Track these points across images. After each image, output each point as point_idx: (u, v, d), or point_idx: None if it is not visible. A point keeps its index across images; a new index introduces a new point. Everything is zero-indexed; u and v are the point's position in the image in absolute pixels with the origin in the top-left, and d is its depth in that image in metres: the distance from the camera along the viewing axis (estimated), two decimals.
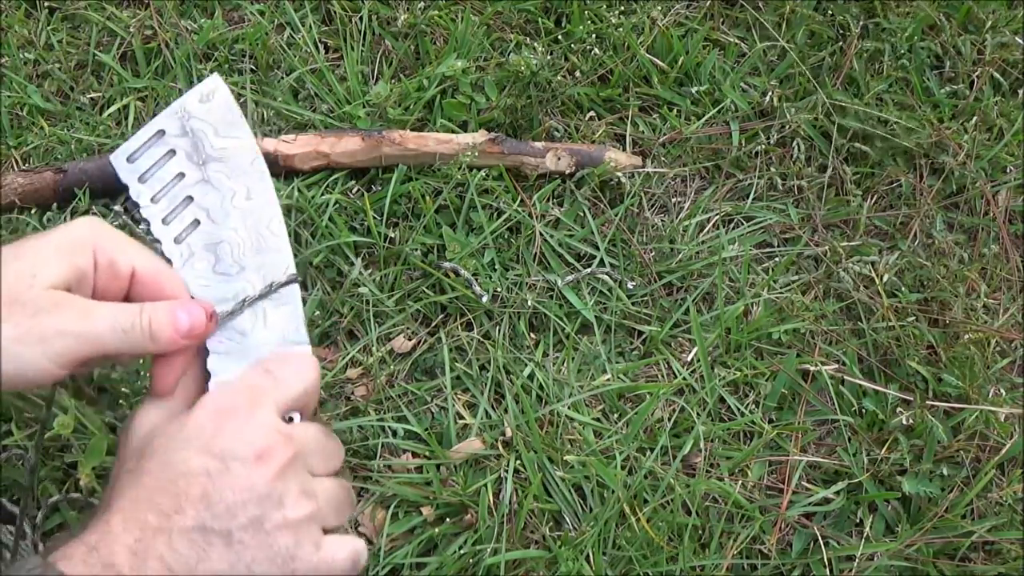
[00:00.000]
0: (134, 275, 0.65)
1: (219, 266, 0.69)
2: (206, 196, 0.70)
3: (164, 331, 0.62)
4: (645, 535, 0.99)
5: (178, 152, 0.70)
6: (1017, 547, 1.04)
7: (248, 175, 0.71)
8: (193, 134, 0.70)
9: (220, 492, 0.58)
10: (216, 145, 0.70)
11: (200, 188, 0.70)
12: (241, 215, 0.70)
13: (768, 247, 1.22)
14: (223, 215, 0.70)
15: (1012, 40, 1.34)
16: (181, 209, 0.70)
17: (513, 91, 1.23)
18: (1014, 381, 1.15)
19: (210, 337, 0.67)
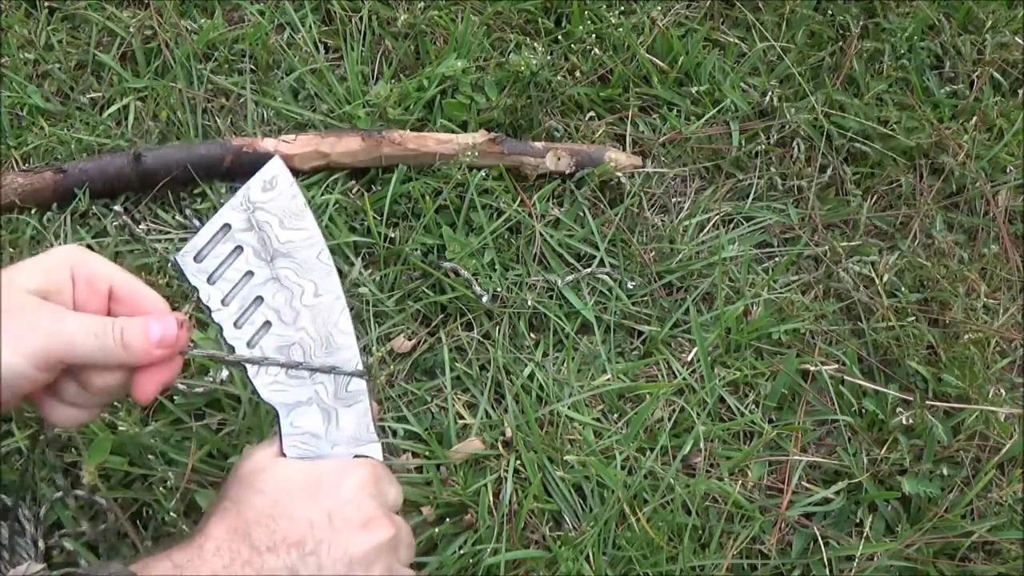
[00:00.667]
0: (112, 292, 0.65)
1: (292, 370, 0.69)
2: (276, 295, 0.69)
3: (136, 340, 0.63)
4: (645, 535, 0.99)
5: (245, 249, 0.69)
6: (1017, 547, 1.04)
7: (315, 270, 0.70)
8: (259, 228, 0.69)
9: (318, 544, 0.59)
10: (282, 239, 0.69)
11: (269, 287, 0.69)
12: (311, 314, 0.69)
13: (768, 247, 1.22)
14: (293, 315, 0.69)
15: (1012, 40, 1.34)
16: (252, 311, 0.69)
17: (513, 91, 1.23)
18: (1014, 381, 1.15)
19: (284, 440, 0.68)
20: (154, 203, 1.15)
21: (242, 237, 0.69)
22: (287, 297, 0.69)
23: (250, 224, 0.69)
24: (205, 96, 1.21)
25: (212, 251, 0.68)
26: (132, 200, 1.15)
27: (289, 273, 0.69)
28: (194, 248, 0.68)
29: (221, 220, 0.68)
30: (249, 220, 0.69)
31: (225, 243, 0.69)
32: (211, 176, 1.14)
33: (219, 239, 0.68)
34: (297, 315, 0.69)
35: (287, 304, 0.69)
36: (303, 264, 0.70)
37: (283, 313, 0.69)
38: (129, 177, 1.12)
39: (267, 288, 0.69)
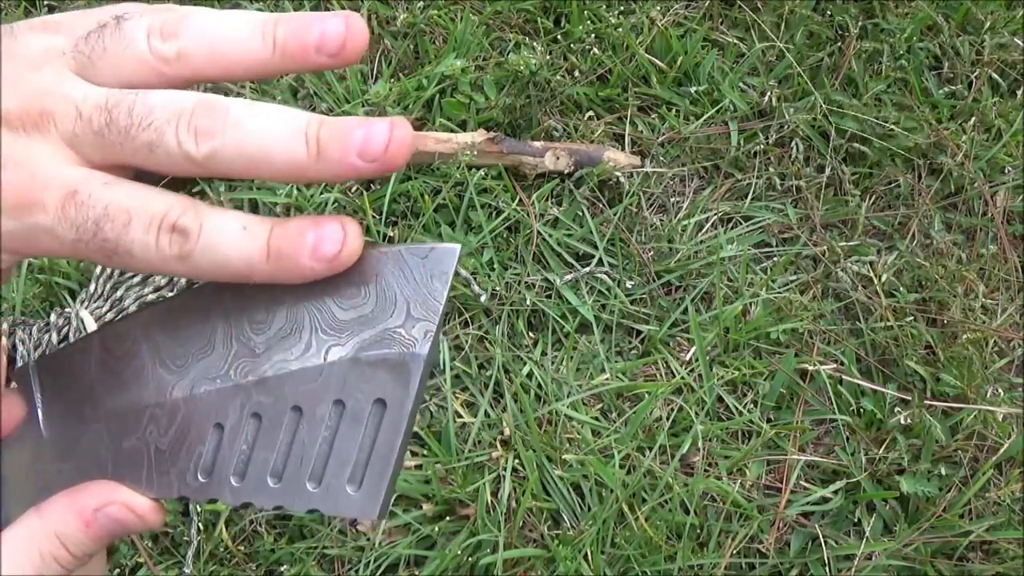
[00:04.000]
0: None
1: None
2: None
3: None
4: (643, 534, 0.99)
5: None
6: (1015, 547, 1.04)
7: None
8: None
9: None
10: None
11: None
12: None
13: (766, 247, 1.22)
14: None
15: (1011, 41, 1.34)
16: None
17: (512, 90, 1.23)
18: (1012, 381, 1.15)
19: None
20: None
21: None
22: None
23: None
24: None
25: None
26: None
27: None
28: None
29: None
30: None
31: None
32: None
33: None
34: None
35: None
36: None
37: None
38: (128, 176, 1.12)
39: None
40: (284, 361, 0.45)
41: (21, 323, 1.03)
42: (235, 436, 0.44)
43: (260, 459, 0.44)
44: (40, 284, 1.08)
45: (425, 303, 0.43)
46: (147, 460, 0.45)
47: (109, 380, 0.47)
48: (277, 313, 0.45)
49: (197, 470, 0.44)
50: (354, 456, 0.42)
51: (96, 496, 0.44)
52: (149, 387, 0.46)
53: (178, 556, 0.98)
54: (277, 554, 0.98)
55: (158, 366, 0.46)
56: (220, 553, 0.98)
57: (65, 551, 0.44)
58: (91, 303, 1.06)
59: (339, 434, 0.43)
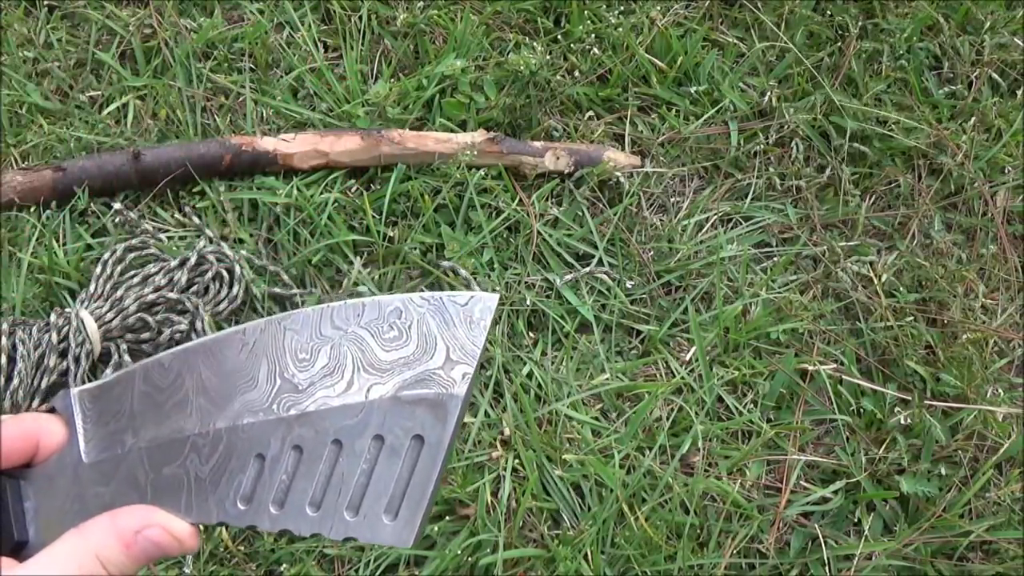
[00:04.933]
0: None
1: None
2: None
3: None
4: (643, 534, 0.99)
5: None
6: (1015, 546, 1.04)
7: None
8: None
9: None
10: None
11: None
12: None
13: (766, 247, 1.22)
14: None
15: (1011, 41, 1.34)
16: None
17: (512, 90, 1.23)
18: (1012, 381, 1.15)
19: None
20: (153, 201, 1.15)
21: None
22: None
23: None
24: (204, 95, 1.21)
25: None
26: (131, 198, 1.15)
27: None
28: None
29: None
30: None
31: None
32: (210, 175, 1.15)
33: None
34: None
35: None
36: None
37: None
38: (128, 175, 1.12)
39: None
40: (326, 397, 0.46)
41: (21, 323, 1.03)
42: (276, 466, 0.46)
43: (299, 488, 0.45)
44: (40, 284, 1.08)
45: (464, 347, 0.46)
46: (187, 487, 0.46)
47: (151, 410, 0.49)
48: (321, 352, 0.47)
49: (237, 498, 0.46)
50: (391, 488, 0.44)
51: (137, 518, 0.45)
52: (192, 418, 0.48)
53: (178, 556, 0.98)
54: (277, 554, 0.98)
55: (201, 398, 0.48)
56: (220, 553, 0.98)
57: (104, 571, 0.44)
58: (91, 303, 1.06)
59: (377, 467, 0.45)
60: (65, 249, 1.10)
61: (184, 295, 1.08)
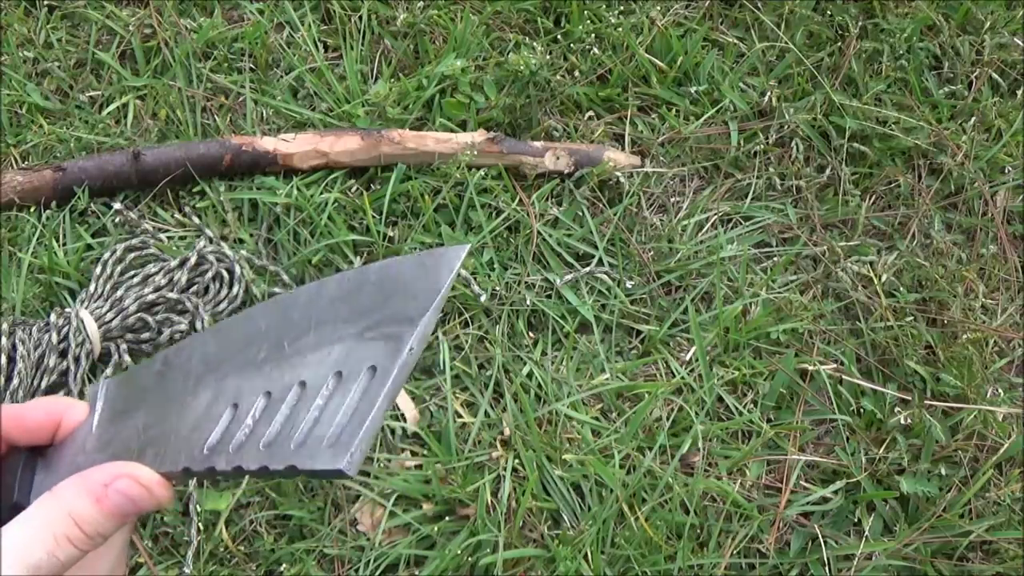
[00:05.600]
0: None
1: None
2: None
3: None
4: (643, 534, 0.99)
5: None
6: (1015, 546, 1.04)
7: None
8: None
9: None
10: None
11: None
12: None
13: (766, 247, 1.22)
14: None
15: (1011, 41, 1.34)
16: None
17: (512, 90, 1.23)
18: (1012, 381, 1.15)
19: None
20: (153, 201, 1.15)
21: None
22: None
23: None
24: (204, 95, 1.21)
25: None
26: (131, 198, 1.15)
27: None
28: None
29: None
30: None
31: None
32: (210, 175, 1.15)
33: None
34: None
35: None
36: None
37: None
38: (128, 175, 1.12)
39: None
40: (304, 349, 0.48)
41: (21, 323, 1.03)
42: (244, 413, 0.46)
43: (260, 431, 0.45)
44: (40, 284, 1.08)
45: (429, 288, 0.47)
46: (166, 444, 0.47)
47: (158, 386, 0.51)
48: (314, 331, 0.48)
49: (204, 446, 0.46)
50: (337, 417, 0.44)
51: (105, 472, 0.45)
52: (188, 384, 0.49)
53: (178, 556, 0.98)
54: (277, 554, 0.98)
55: (201, 367, 0.50)
56: (220, 553, 0.98)
57: (79, 530, 0.44)
58: (91, 303, 1.06)
59: (331, 401, 0.45)
60: (65, 249, 1.10)
61: (184, 295, 1.08)
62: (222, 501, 0.99)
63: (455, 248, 0.49)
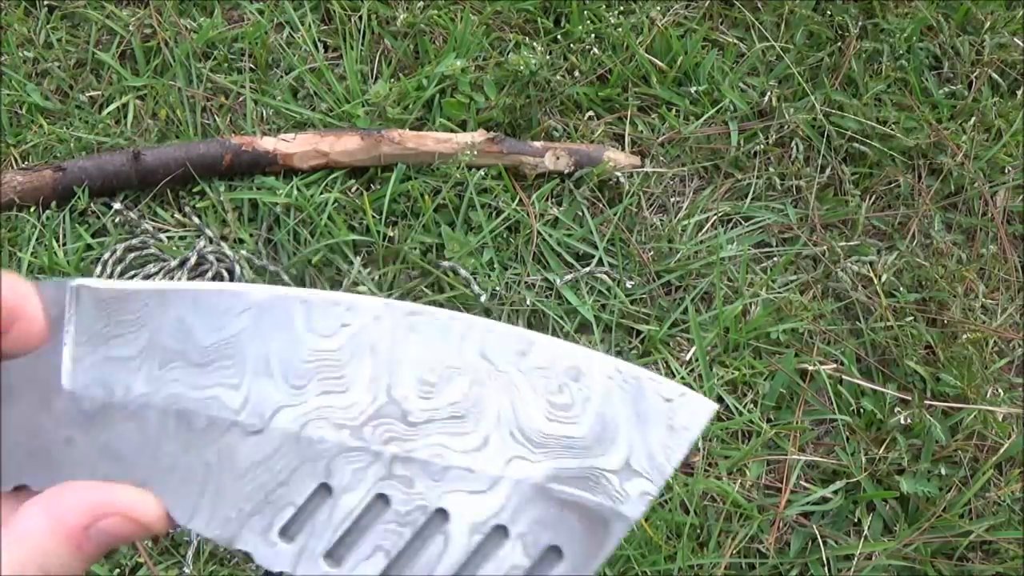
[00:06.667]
0: None
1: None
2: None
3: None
4: (643, 534, 0.99)
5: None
6: (1015, 546, 1.04)
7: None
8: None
9: None
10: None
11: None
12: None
13: (766, 247, 1.22)
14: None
15: (1010, 41, 1.34)
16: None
17: (512, 90, 1.23)
18: (1012, 381, 1.15)
19: None
20: (153, 201, 1.15)
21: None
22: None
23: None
24: (204, 95, 1.21)
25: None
26: (131, 198, 1.15)
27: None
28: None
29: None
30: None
31: None
32: (210, 175, 1.15)
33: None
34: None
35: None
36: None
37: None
38: (128, 175, 1.12)
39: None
40: (447, 447, 0.33)
41: None
42: (346, 512, 0.33)
43: (370, 551, 0.33)
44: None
45: (653, 458, 0.33)
46: (209, 486, 0.34)
47: (179, 359, 0.35)
48: (455, 382, 0.34)
49: (277, 528, 0.33)
50: None
51: (87, 507, 0.33)
52: (239, 395, 0.34)
53: (178, 556, 0.98)
54: None
55: (258, 373, 0.34)
56: (220, 553, 0.98)
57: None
58: None
59: (487, 567, 0.33)
60: (65, 249, 1.10)
61: None
62: None
63: (696, 402, 0.34)
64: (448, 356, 0.34)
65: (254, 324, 0.34)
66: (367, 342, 0.34)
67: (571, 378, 0.33)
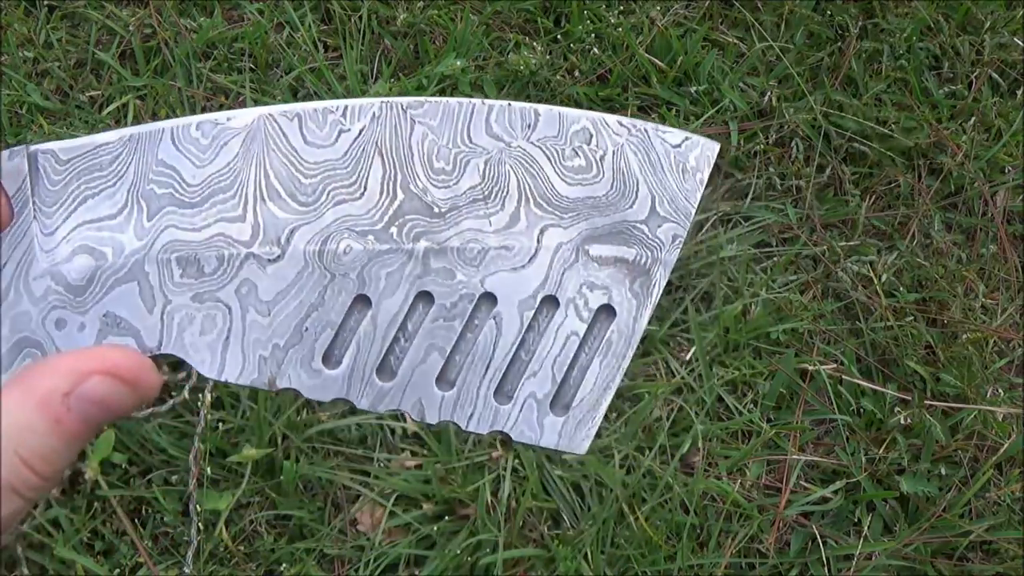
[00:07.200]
0: None
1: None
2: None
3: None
4: (643, 534, 0.99)
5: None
6: (1015, 546, 1.04)
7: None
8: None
9: None
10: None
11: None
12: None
13: (766, 247, 1.22)
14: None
15: (1011, 41, 1.34)
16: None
17: (512, 90, 1.23)
18: (1012, 381, 1.15)
19: None
20: None
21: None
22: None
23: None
24: (204, 95, 1.21)
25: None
26: None
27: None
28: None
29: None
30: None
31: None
32: None
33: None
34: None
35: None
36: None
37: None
38: None
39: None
40: (478, 231, 0.32)
41: None
42: (388, 318, 0.32)
43: (423, 355, 0.32)
44: None
45: (674, 200, 0.34)
46: (231, 331, 0.31)
47: (169, 199, 0.31)
48: (470, 165, 0.33)
49: (317, 355, 0.31)
50: (563, 372, 0.32)
51: (62, 374, 0.28)
52: (247, 224, 0.31)
53: (178, 556, 0.98)
54: (277, 554, 0.98)
55: (264, 196, 0.31)
56: (220, 553, 0.98)
57: (32, 474, 0.28)
58: None
59: (543, 340, 0.32)
60: None
61: None
62: (222, 501, 0.99)
63: (702, 144, 0.34)
64: (457, 141, 0.33)
65: (244, 150, 0.32)
66: (371, 143, 0.32)
67: (583, 141, 0.33)
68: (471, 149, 0.32)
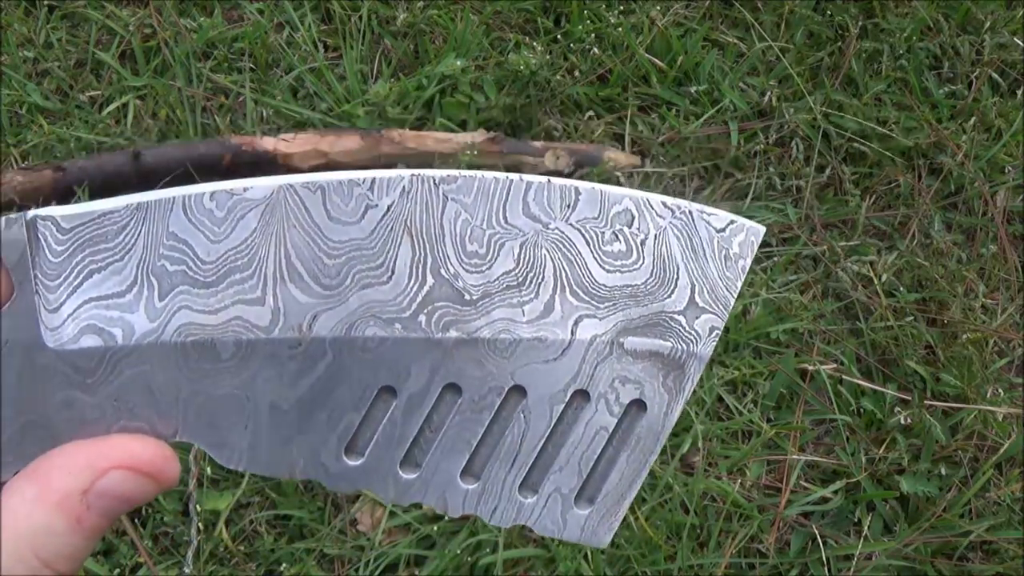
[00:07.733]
0: None
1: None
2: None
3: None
4: (643, 534, 0.99)
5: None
6: (1015, 546, 1.04)
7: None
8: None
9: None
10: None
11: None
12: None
13: (767, 247, 1.22)
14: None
15: (1011, 41, 1.34)
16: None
17: (512, 90, 1.23)
18: (1012, 381, 1.15)
19: None
20: None
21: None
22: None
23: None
24: (204, 94, 1.21)
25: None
26: None
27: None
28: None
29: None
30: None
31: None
32: (210, 174, 1.14)
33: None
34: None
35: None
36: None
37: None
38: (128, 175, 1.12)
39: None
40: (510, 321, 0.31)
41: None
42: (413, 410, 0.30)
43: (449, 447, 0.31)
44: None
45: (714, 291, 0.32)
46: (252, 419, 0.30)
47: (181, 278, 0.29)
48: (505, 248, 0.31)
49: (339, 447, 0.30)
50: (591, 466, 0.31)
51: (78, 471, 0.27)
52: (266, 308, 0.30)
53: (178, 556, 0.98)
54: (277, 554, 0.98)
55: (284, 279, 0.30)
56: (220, 553, 0.98)
57: (52, 573, 0.26)
58: None
59: (572, 435, 0.31)
60: None
61: None
62: (222, 501, 0.99)
63: (747, 228, 0.33)
64: (492, 221, 0.31)
65: (263, 225, 0.29)
66: (400, 221, 0.30)
67: (624, 223, 0.31)
68: (506, 231, 0.31)
